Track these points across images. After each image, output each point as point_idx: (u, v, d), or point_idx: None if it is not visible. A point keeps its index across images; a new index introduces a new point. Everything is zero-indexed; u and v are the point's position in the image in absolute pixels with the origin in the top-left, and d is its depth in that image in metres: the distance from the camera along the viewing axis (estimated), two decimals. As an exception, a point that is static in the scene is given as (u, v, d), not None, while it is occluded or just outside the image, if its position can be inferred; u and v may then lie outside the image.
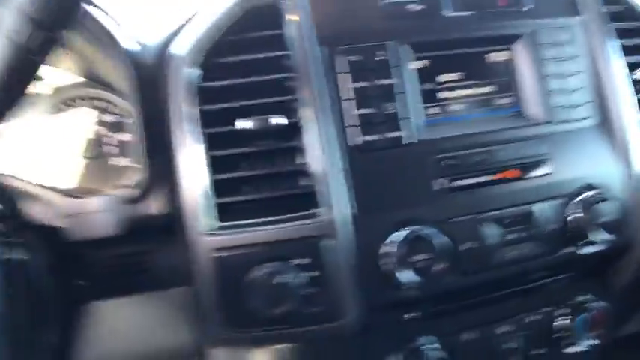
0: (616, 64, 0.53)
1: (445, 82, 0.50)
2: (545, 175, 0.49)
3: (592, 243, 0.49)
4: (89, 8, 0.45)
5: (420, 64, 0.49)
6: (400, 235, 0.44)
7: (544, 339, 0.53)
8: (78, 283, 0.47)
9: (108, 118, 0.61)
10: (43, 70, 0.34)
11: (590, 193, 0.49)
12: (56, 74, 0.59)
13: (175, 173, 0.44)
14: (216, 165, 0.44)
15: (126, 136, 0.60)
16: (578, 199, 0.49)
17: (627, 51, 0.54)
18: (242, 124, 0.44)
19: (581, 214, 0.48)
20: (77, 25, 0.43)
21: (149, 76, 0.46)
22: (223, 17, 0.47)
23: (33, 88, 0.34)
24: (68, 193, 0.45)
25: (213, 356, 0.48)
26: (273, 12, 0.47)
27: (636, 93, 0.53)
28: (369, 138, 0.46)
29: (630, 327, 0.61)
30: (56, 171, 0.59)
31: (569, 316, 0.52)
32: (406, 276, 0.44)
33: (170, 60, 0.46)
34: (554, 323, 0.53)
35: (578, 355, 0.53)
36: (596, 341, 0.53)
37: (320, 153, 0.44)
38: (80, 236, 0.43)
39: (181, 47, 0.46)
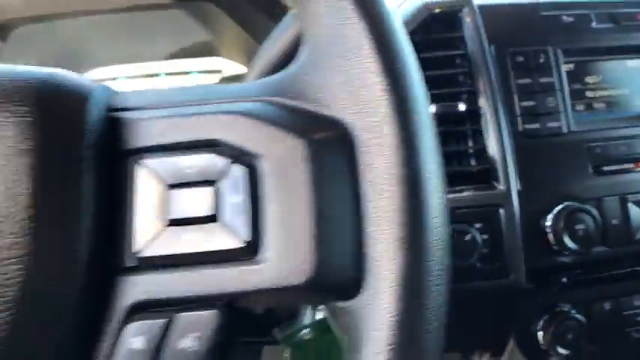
0: None
1: (590, 83, 0.59)
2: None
3: None
4: None
5: (570, 66, 0.58)
6: (559, 207, 0.52)
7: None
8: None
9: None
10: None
11: None
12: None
13: None
14: None
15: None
16: None
17: None
18: (431, 109, 0.53)
19: None
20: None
21: None
22: (409, 20, 0.56)
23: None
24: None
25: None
26: (450, 17, 0.56)
27: None
28: (532, 126, 0.55)
29: None
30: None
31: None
32: (564, 243, 0.52)
33: None
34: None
35: None
36: None
37: (495, 136, 0.52)
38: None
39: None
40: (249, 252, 0.22)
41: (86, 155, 0.22)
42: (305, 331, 0.39)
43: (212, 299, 0.22)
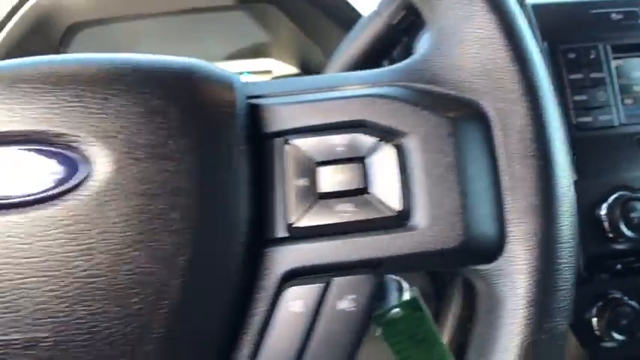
0: None
1: (637, 78, 0.61)
2: None
3: None
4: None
5: (619, 62, 0.60)
6: (614, 196, 0.54)
7: None
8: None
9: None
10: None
11: None
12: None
13: None
14: None
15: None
16: None
17: None
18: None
19: None
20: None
21: None
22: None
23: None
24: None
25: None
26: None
27: None
28: (584, 119, 0.57)
29: None
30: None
31: None
32: (621, 230, 0.54)
33: None
34: None
35: None
36: None
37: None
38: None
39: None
40: (401, 220, 0.24)
41: (237, 138, 0.24)
42: (395, 310, 0.41)
43: (365, 265, 0.24)
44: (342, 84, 0.27)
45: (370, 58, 0.43)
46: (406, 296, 0.42)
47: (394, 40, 0.42)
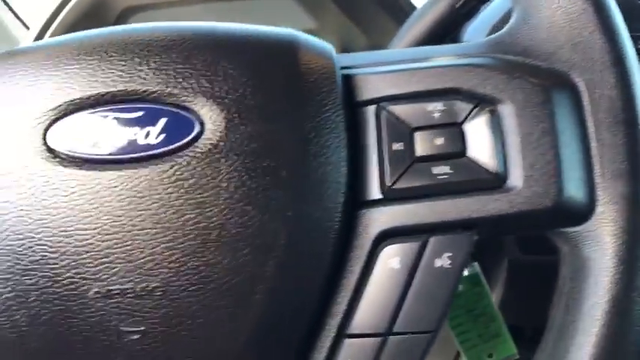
0: None
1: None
2: None
3: None
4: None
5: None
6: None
7: None
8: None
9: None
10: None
11: None
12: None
13: None
14: None
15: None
16: None
17: None
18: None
19: None
20: None
21: None
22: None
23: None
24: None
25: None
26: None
27: None
28: None
29: None
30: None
31: None
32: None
33: None
34: None
35: None
36: None
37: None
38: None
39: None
40: (497, 182, 0.25)
41: (336, 103, 0.25)
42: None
43: (461, 225, 0.25)
44: (432, 55, 0.28)
45: (432, 41, 0.44)
46: (466, 272, 0.43)
47: (456, 24, 0.43)
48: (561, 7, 0.26)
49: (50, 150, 0.24)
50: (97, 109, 0.24)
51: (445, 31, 0.43)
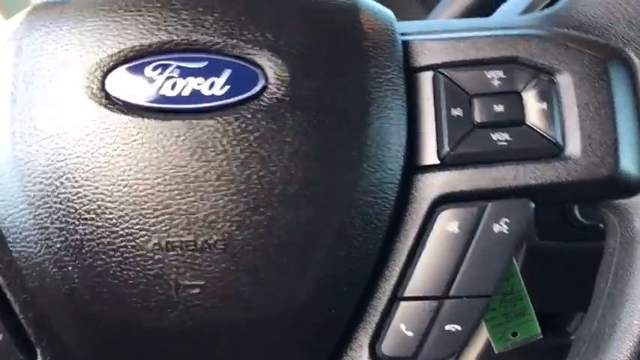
0: None
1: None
2: None
3: None
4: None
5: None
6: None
7: None
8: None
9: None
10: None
11: None
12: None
13: None
14: None
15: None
16: None
17: None
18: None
19: None
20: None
21: None
22: None
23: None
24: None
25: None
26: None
27: None
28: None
29: None
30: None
31: None
32: None
33: None
34: None
35: None
36: None
37: None
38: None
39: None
40: (556, 150, 0.25)
41: (397, 67, 0.25)
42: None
43: (518, 192, 0.25)
44: (489, 26, 0.28)
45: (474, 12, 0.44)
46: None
47: (489, 5, 0.43)
48: None
49: (109, 97, 0.23)
50: (158, 58, 0.23)
51: (481, 10, 0.43)
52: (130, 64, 0.23)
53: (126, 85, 0.23)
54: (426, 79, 0.26)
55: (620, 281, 0.26)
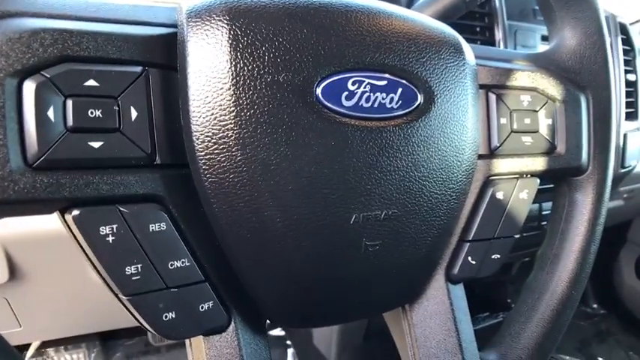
0: None
1: None
2: None
3: None
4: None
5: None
6: None
7: None
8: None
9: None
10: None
11: None
12: None
13: None
14: None
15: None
16: None
17: None
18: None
19: None
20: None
21: None
22: None
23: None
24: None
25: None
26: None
27: None
28: None
29: None
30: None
31: None
32: None
33: None
34: None
35: None
36: None
37: None
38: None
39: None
40: (553, 149, 0.41)
41: (473, 85, 0.37)
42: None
43: (532, 173, 0.41)
44: (513, 58, 0.42)
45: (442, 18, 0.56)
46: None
47: (460, 12, 0.56)
48: (581, 45, 0.43)
49: (319, 103, 0.29)
50: (353, 74, 0.30)
51: (451, 16, 0.56)
52: (335, 77, 0.30)
53: (333, 94, 0.30)
54: (483, 94, 0.39)
55: (569, 221, 0.44)
